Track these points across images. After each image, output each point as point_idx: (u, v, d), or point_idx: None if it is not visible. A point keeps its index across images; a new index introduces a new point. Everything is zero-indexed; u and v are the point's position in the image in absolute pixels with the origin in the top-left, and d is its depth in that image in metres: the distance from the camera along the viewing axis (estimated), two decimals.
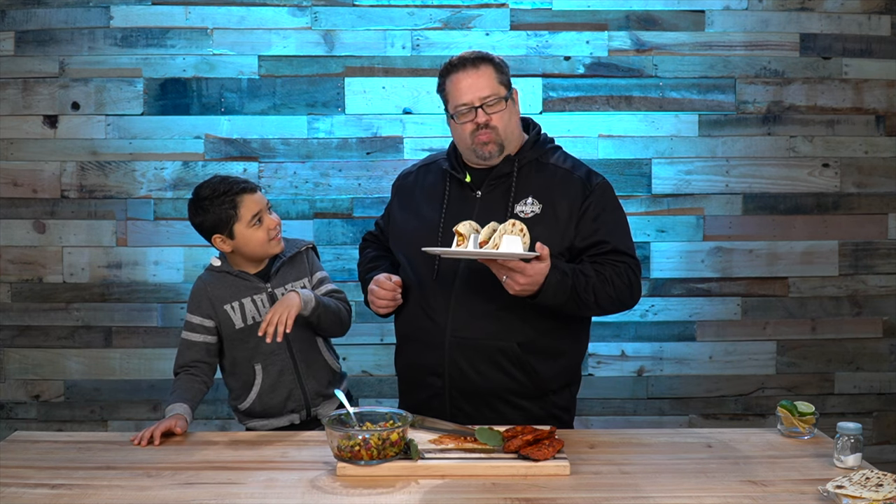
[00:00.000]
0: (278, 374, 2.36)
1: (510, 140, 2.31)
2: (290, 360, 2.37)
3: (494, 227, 2.10)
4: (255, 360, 2.36)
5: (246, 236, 2.32)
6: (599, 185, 2.32)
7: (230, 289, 2.37)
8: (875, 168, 3.42)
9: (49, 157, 3.32)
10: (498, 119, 2.26)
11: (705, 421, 3.42)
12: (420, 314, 2.33)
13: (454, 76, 2.28)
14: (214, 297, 2.36)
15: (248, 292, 2.36)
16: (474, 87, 2.25)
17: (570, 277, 2.16)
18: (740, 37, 3.36)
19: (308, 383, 2.38)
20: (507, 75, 2.31)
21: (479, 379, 2.27)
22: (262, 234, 2.33)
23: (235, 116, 3.32)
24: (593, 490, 1.77)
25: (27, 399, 3.36)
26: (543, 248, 2.09)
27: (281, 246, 2.38)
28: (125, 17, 3.29)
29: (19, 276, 3.34)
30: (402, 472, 1.85)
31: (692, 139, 3.38)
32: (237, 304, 2.35)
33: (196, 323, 2.36)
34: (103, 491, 1.78)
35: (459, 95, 2.27)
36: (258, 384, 2.36)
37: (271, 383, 2.36)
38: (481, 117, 2.25)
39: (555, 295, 2.14)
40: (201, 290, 2.38)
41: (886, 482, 1.71)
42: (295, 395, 2.38)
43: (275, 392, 2.37)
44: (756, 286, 3.42)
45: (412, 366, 2.38)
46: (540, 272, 2.10)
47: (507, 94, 2.28)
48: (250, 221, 2.31)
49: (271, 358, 2.36)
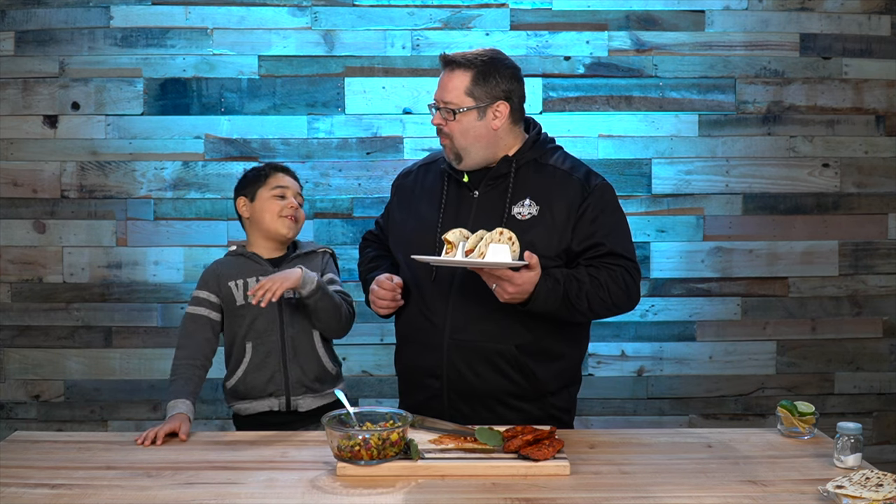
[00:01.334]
0: (265, 355, 2.38)
1: (470, 151, 2.26)
2: (279, 343, 2.38)
3: (482, 236, 2.10)
4: (248, 337, 2.39)
5: (263, 201, 2.43)
6: (598, 186, 2.29)
7: (239, 268, 2.43)
8: (875, 168, 3.42)
9: (49, 157, 3.32)
10: (453, 126, 2.24)
11: (705, 421, 3.42)
12: (419, 315, 2.32)
13: (442, 70, 2.30)
14: (221, 274, 2.42)
15: (253, 272, 2.41)
16: (442, 88, 2.26)
17: (562, 284, 2.15)
18: (740, 37, 3.36)
19: (292, 370, 2.39)
20: (488, 87, 2.23)
21: (476, 381, 2.26)
22: (277, 206, 2.42)
23: (235, 116, 3.32)
24: (593, 490, 1.77)
25: (27, 399, 3.36)
26: (532, 256, 2.08)
27: (291, 232, 2.44)
28: (125, 17, 3.29)
29: (19, 276, 3.34)
30: (402, 472, 1.85)
31: (692, 139, 3.38)
32: (241, 281, 2.40)
33: (202, 297, 2.41)
34: (103, 491, 1.78)
35: (436, 90, 2.29)
36: (246, 362, 2.38)
37: (258, 363, 2.38)
38: (435, 119, 2.27)
39: (545, 302, 2.14)
40: (211, 269, 2.46)
41: (886, 482, 1.71)
42: (276, 379, 2.38)
43: (259, 371, 2.39)
44: (756, 286, 3.42)
45: (411, 367, 2.38)
46: (529, 280, 2.09)
47: (472, 105, 2.23)
48: (273, 190, 2.43)
49: (262, 337, 2.39)
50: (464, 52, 2.28)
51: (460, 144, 2.25)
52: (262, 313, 2.36)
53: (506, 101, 2.25)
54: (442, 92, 2.26)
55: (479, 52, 2.28)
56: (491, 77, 2.24)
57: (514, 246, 2.08)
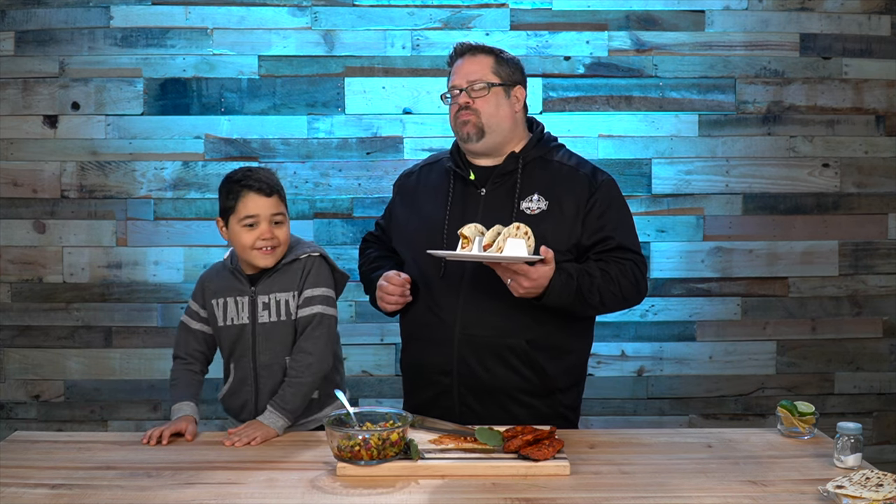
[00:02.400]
0: (240, 382, 2.29)
1: (495, 130, 2.30)
2: (251, 371, 2.27)
3: (499, 231, 2.11)
4: (231, 358, 2.32)
5: (235, 232, 2.23)
6: (605, 182, 2.34)
7: (223, 283, 2.31)
8: (875, 168, 3.41)
9: (49, 157, 3.32)
10: (482, 103, 2.29)
11: (705, 421, 3.42)
12: (427, 312, 2.33)
13: (457, 62, 2.36)
14: (207, 289, 2.34)
15: (233, 292, 2.29)
16: (466, 70, 2.32)
17: (575, 279, 2.17)
18: (740, 37, 3.36)
19: (262, 399, 2.24)
20: (509, 70, 2.34)
21: (487, 376, 2.27)
22: (248, 238, 2.21)
23: (235, 116, 3.32)
24: (593, 490, 1.77)
25: (27, 399, 3.36)
26: (548, 251, 2.10)
27: (268, 262, 2.23)
28: (125, 17, 3.29)
29: (19, 276, 3.34)
30: (402, 472, 1.85)
31: (692, 139, 3.38)
32: (222, 300, 2.30)
33: (193, 310, 2.36)
34: (103, 491, 1.78)
35: (453, 79, 2.35)
36: (229, 382, 2.33)
37: (233, 388, 2.31)
38: (463, 98, 2.30)
39: (559, 297, 2.16)
40: (203, 279, 2.37)
41: (886, 482, 1.71)
42: (248, 407, 2.28)
43: (234, 396, 2.32)
44: (756, 286, 3.42)
45: (419, 364, 2.38)
46: (544, 275, 2.11)
47: (500, 82, 2.31)
48: (243, 220, 2.21)
49: (240, 362, 2.29)
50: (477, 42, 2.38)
51: (487, 121, 2.30)
52: (237, 338, 2.27)
53: (522, 87, 2.37)
54: (466, 74, 2.32)
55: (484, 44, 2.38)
56: (508, 64, 2.36)
57: (529, 241, 2.09)
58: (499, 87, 2.31)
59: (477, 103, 2.29)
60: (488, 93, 2.29)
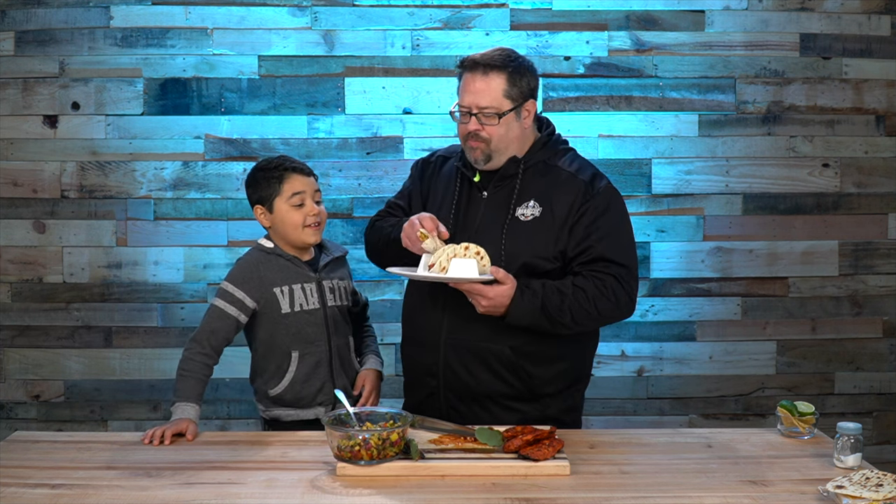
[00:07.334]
0: (314, 366, 2.34)
1: (503, 152, 2.26)
2: (327, 354, 2.36)
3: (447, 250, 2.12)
4: (294, 347, 2.33)
5: (283, 213, 2.33)
6: (603, 189, 2.27)
7: (281, 272, 2.34)
8: (875, 168, 3.41)
9: (49, 157, 3.32)
10: (491, 131, 2.22)
11: (705, 421, 3.42)
12: (420, 314, 2.34)
13: (466, 75, 2.24)
14: (265, 278, 2.32)
15: (298, 279, 2.34)
16: (476, 93, 2.21)
17: (541, 297, 2.14)
18: (740, 37, 3.36)
19: (339, 379, 2.37)
20: (520, 87, 2.23)
21: (471, 380, 2.27)
22: (298, 216, 2.32)
23: (235, 116, 3.32)
24: (593, 490, 1.77)
25: (27, 399, 3.36)
26: (498, 271, 2.10)
27: (317, 238, 2.37)
28: (125, 17, 3.29)
29: (19, 276, 3.34)
30: (402, 472, 1.85)
31: (692, 139, 3.38)
32: (287, 288, 2.32)
33: (237, 297, 2.29)
34: (103, 491, 1.78)
35: (463, 96, 2.25)
36: (292, 371, 2.33)
37: (306, 373, 2.34)
38: (473, 125, 2.22)
39: (522, 316, 2.14)
40: (252, 266, 2.33)
41: (886, 482, 1.71)
42: (326, 389, 2.35)
43: (308, 382, 2.34)
44: (756, 286, 3.42)
45: (411, 365, 2.40)
46: (501, 293, 2.11)
47: (511, 107, 2.21)
48: (290, 199, 2.32)
49: (310, 348, 2.34)
50: (490, 54, 2.24)
51: (497, 147, 2.24)
52: (308, 322, 2.33)
53: (533, 99, 2.28)
54: (478, 97, 2.20)
55: (502, 53, 2.25)
56: (522, 77, 2.24)
57: (483, 260, 2.12)
58: (511, 112, 2.21)
59: (487, 130, 2.21)
60: (497, 123, 2.21)
